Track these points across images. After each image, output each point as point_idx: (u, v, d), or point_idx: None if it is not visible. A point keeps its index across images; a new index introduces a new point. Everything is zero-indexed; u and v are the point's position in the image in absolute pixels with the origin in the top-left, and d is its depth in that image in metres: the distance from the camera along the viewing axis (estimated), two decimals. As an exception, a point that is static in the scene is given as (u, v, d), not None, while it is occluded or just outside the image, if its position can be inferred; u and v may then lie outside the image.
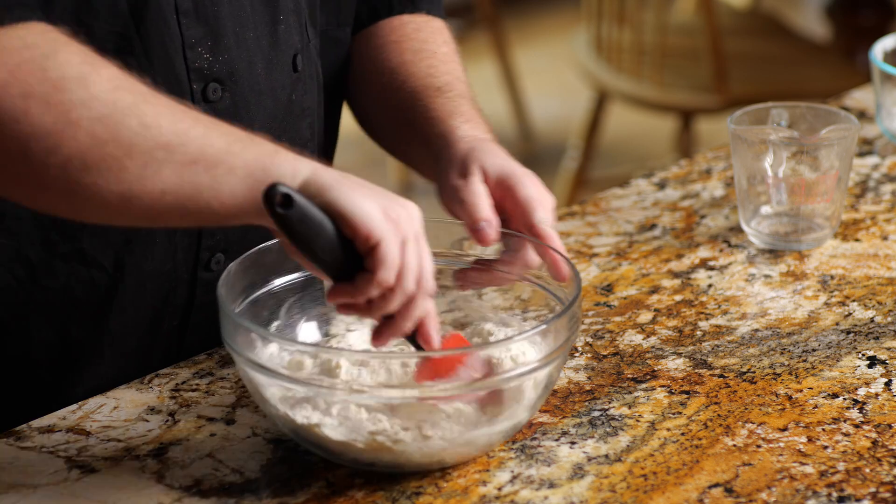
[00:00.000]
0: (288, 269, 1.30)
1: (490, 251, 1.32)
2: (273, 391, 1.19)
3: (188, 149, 1.13)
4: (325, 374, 1.22)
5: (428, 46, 1.49)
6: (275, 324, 1.30)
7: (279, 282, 1.30)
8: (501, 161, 1.31)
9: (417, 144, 1.41)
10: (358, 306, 1.17)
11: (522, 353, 1.21)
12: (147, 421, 1.27)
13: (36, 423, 1.27)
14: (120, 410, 1.29)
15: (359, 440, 1.17)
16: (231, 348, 1.19)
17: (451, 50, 1.51)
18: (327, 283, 1.19)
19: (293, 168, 1.15)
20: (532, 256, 1.29)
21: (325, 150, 1.52)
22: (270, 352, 1.23)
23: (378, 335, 1.18)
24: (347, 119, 1.57)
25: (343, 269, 1.15)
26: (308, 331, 1.31)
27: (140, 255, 1.33)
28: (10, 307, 1.31)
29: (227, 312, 1.19)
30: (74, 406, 1.29)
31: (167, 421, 1.27)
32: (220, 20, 1.31)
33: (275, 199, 1.11)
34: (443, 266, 1.33)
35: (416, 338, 1.19)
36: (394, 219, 1.14)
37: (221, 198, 1.14)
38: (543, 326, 1.19)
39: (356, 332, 1.31)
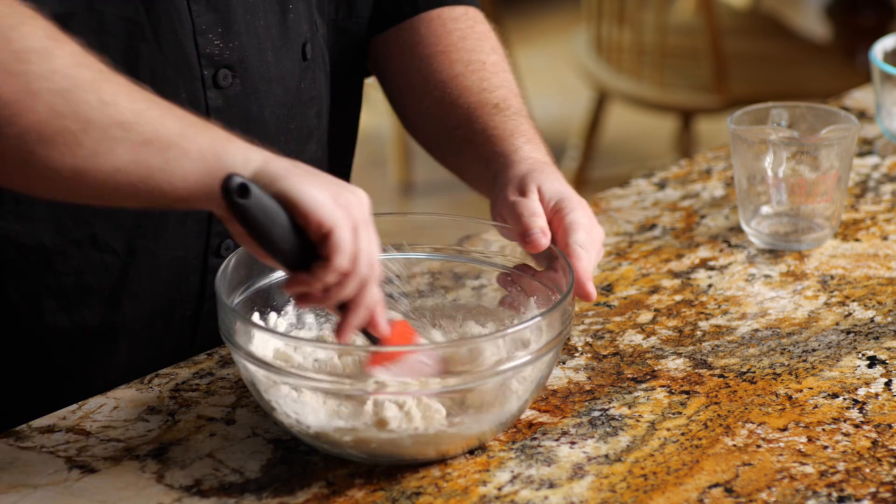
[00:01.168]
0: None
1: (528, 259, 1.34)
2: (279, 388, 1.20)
3: (144, 129, 1.14)
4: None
5: (477, 56, 1.49)
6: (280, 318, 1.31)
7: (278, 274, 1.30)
8: (560, 186, 1.33)
9: (475, 161, 1.42)
10: (314, 295, 1.17)
11: (498, 351, 1.22)
12: (147, 421, 1.27)
13: (36, 423, 1.27)
14: (120, 410, 1.29)
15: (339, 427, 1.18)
16: (228, 340, 1.20)
17: (500, 57, 1.51)
18: (284, 274, 1.19)
19: (245, 157, 1.15)
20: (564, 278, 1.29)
21: (342, 142, 1.52)
22: (273, 345, 1.23)
23: (340, 331, 1.19)
24: (347, 119, 1.57)
25: (298, 259, 1.16)
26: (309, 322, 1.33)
27: (152, 240, 1.34)
28: (23, 292, 1.33)
29: (224, 304, 1.21)
30: (74, 406, 1.29)
31: (167, 421, 1.27)
32: (231, 7, 1.33)
33: (232, 189, 1.12)
34: (442, 261, 1.34)
35: (366, 326, 1.20)
36: (344, 205, 1.15)
37: (173, 181, 1.14)
38: (513, 330, 1.21)
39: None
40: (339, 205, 1.15)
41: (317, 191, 1.14)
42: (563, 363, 1.36)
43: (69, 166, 1.13)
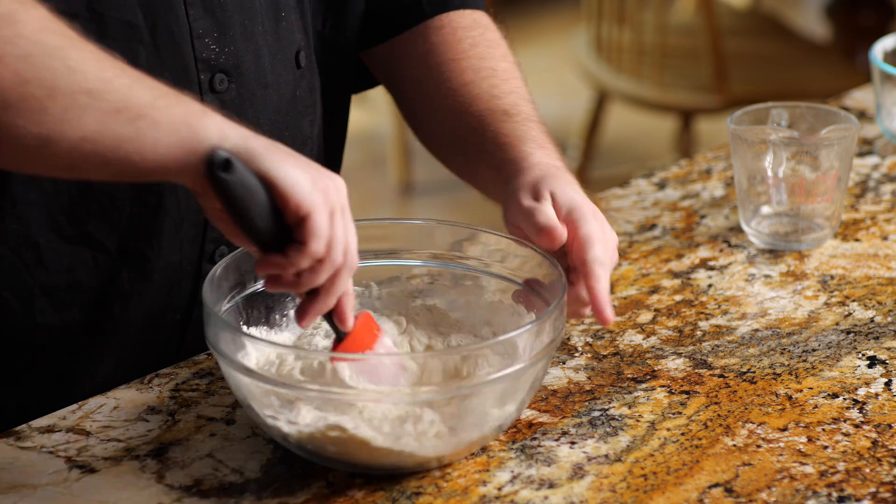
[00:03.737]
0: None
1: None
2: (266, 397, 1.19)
3: (112, 97, 1.12)
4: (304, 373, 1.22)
5: (487, 64, 1.49)
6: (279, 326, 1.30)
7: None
8: (573, 193, 1.31)
9: (487, 168, 1.41)
10: (286, 279, 1.16)
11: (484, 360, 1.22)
12: (147, 421, 1.27)
13: (36, 423, 1.27)
14: (120, 410, 1.29)
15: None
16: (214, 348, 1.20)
17: (511, 64, 1.50)
18: (256, 255, 1.17)
19: (220, 131, 1.14)
20: (584, 294, 1.28)
21: (330, 152, 1.52)
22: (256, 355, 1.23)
23: (302, 313, 1.18)
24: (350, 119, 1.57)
25: (273, 240, 1.15)
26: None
27: (146, 242, 1.34)
28: (15, 290, 1.33)
29: (211, 312, 1.20)
30: (74, 406, 1.29)
31: (167, 421, 1.27)
32: (227, 11, 1.33)
33: (216, 163, 1.11)
34: (439, 269, 1.33)
35: (331, 315, 1.20)
36: (322, 189, 1.14)
37: (143, 151, 1.13)
38: (481, 344, 1.21)
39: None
40: (318, 189, 1.14)
41: (297, 172, 1.13)
42: (563, 363, 1.36)
43: (34, 133, 1.12)
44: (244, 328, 1.28)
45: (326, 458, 1.20)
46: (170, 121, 1.13)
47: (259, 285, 1.28)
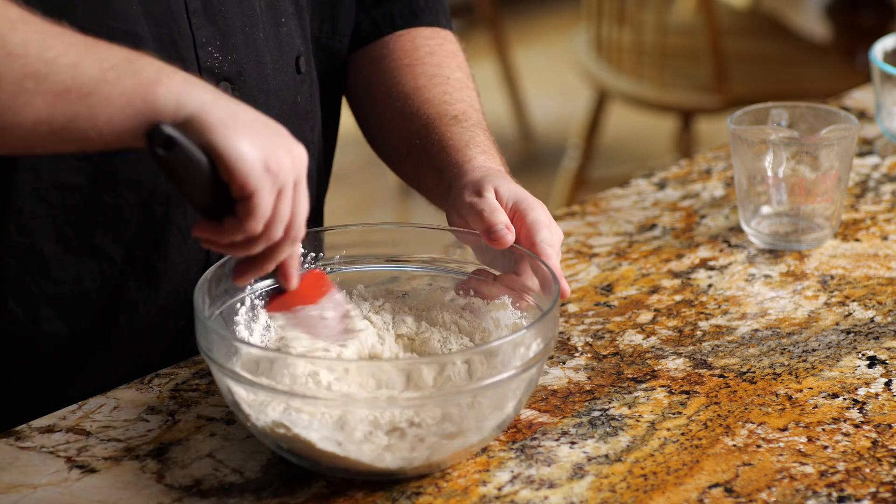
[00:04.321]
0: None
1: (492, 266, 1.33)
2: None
3: (58, 77, 1.11)
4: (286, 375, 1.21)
5: (442, 72, 1.49)
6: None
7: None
8: (516, 188, 1.32)
9: (430, 171, 1.41)
10: (219, 245, 1.17)
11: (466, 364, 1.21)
12: (147, 421, 1.27)
13: (36, 423, 1.27)
14: (120, 410, 1.29)
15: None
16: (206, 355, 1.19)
17: (465, 74, 1.51)
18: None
19: (177, 100, 1.12)
20: (531, 279, 1.29)
21: (323, 156, 1.52)
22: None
23: (238, 272, 1.19)
24: (348, 120, 1.57)
25: (214, 208, 1.15)
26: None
27: (152, 251, 1.34)
28: (21, 300, 1.32)
29: (202, 318, 1.19)
30: (74, 406, 1.29)
31: (167, 421, 1.27)
32: (229, 19, 1.32)
33: (155, 141, 1.10)
34: (442, 274, 1.34)
35: (275, 274, 1.21)
36: (274, 169, 1.13)
37: (98, 126, 1.12)
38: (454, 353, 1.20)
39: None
40: (268, 168, 1.13)
41: (248, 148, 1.12)
42: (563, 363, 1.36)
43: None
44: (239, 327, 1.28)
45: (302, 459, 1.19)
46: (121, 94, 1.11)
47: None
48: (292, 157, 1.15)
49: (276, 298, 1.23)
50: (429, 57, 1.50)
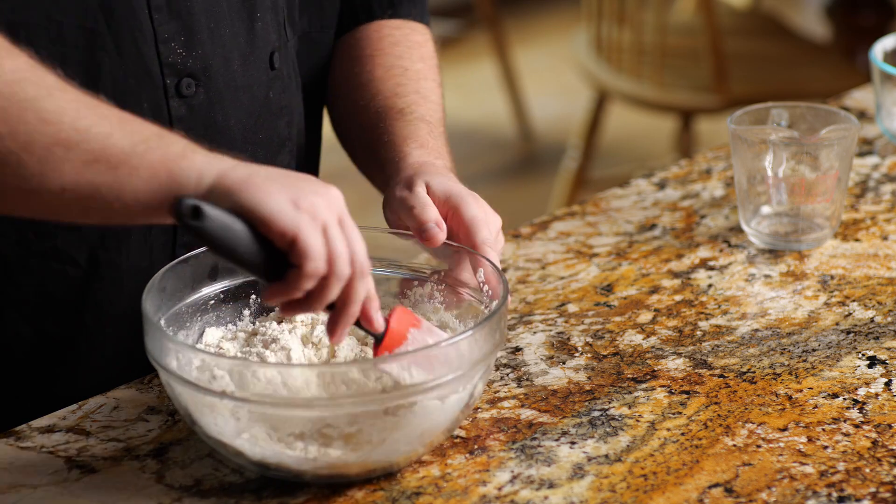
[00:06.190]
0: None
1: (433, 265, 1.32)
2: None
3: (89, 146, 1.12)
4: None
5: (401, 62, 1.48)
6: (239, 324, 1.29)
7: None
8: (447, 181, 1.31)
9: (376, 167, 1.42)
10: (299, 302, 1.14)
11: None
12: (147, 421, 1.27)
13: (36, 423, 1.27)
14: (120, 410, 1.29)
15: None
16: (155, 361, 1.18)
17: (427, 66, 1.50)
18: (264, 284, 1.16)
19: (199, 172, 1.12)
20: (469, 274, 1.28)
21: (308, 152, 1.52)
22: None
23: (332, 330, 1.16)
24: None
25: (271, 269, 1.13)
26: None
27: (115, 251, 1.33)
28: None
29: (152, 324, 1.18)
30: (74, 406, 1.29)
31: (167, 421, 1.27)
32: (194, 15, 1.32)
33: (183, 212, 1.10)
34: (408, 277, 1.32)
35: (359, 321, 1.17)
36: (306, 207, 1.12)
37: (123, 198, 1.12)
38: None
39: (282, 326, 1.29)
40: (301, 209, 1.11)
41: (275, 198, 1.11)
42: (563, 363, 1.36)
43: (14, 186, 1.12)
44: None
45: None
46: (148, 167, 1.12)
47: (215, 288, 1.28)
48: (325, 198, 1.13)
49: (377, 350, 1.19)
50: (391, 48, 1.49)
